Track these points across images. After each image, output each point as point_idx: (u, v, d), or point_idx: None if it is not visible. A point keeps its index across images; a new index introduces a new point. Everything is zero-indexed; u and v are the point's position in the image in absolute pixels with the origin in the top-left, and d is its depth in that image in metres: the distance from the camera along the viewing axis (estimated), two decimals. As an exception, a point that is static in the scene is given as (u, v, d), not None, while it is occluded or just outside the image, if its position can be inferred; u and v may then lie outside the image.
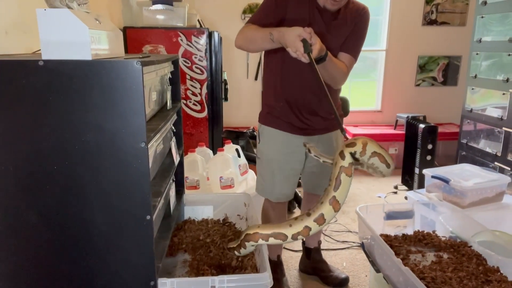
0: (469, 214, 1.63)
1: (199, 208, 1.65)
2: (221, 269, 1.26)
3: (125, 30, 2.73)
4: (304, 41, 1.35)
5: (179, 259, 1.38)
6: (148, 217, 0.95)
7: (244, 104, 4.11)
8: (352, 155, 1.10)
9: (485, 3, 3.04)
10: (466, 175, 2.06)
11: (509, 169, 2.78)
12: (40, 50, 0.90)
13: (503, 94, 2.85)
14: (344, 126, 4.31)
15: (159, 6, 2.83)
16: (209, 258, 1.33)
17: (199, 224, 1.59)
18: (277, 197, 1.83)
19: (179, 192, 1.64)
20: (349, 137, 1.29)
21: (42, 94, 0.88)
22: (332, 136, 1.83)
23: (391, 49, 4.34)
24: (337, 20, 1.63)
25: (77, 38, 0.90)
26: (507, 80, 2.80)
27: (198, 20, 3.22)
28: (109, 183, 0.92)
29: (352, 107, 3.59)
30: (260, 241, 1.14)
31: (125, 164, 0.91)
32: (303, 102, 1.72)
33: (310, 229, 1.09)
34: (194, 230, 1.54)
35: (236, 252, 1.22)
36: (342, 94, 3.55)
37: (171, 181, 1.38)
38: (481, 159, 3.07)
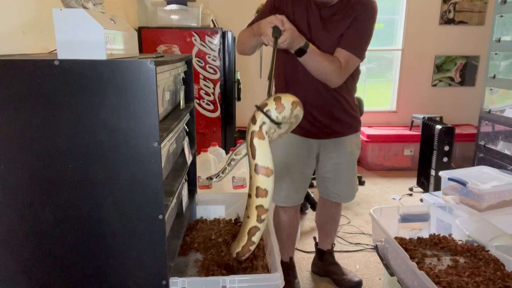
0: (486, 218, 1.59)
1: (211, 208, 1.65)
2: (232, 269, 1.26)
3: (140, 30, 2.75)
4: (275, 27, 1.37)
5: (191, 258, 1.39)
6: (161, 216, 0.95)
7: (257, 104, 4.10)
8: (268, 116, 1.00)
9: (505, 2, 2.96)
10: (484, 178, 2.01)
11: (529, 172, 2.70)
12: (56, 49, 0.92)
13: (523, 95, 2.78)
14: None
15: (173, 6, 2.85)
16: (220, 258, 1.32)
17: (211, 224, 1.60)
18: (283, 202, 1.78)
19: (192, 192, 1.65)
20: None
21: (57, 94, 0.89)
22: (346, 140, 1.76)
23: (407, 48, 4.28)
24: (336, 15, 1.57)
25: (92, 38, 0.91)
26: (528, 80, 2.73)
27: (212, 20, 3.23)
28: (123, 182, 0.93)
29: (366, 108, 3.55)
30: (251, 248, 1.09)
31: (138, 163, 0.92)
32: (313, 104, 1.65)
33: (261, 206, 1.01)
34: (206, 229, 1.54)
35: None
36: (357, 94, 3.53)
37: (183, 180, 1.39)
38: (499, 161, 3.00)
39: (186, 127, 1.55)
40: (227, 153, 2.31)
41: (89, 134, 0.90)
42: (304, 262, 2.23)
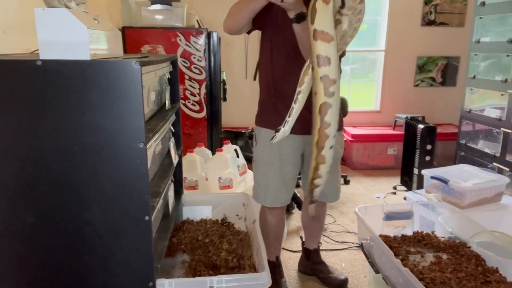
0: (468, 215, 1.63)
1: (197, 209, 1.65)
2: (219, 269, 1.26)
3: (124, 30, 2.73)
4: None
5: (178, 259, 1.38)
6: (147, 217, 0.95)
7: (242, 104, 4.11)
8: None
9: (484, 4, 3.04)
10: (465, 176, 2.06)
11: (507, 169, 2.78)
12: (38, 50, 0.90)
13: (502, 94, 2.86)
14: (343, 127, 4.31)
15: (158, 6, 2.83)
16: (207, 259, 1.32)
17: (198, 225, 1.59)
18: (271, 202, 1.77)
19: (178, 193, 1.64)
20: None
21: (40, 94, 0.87)
22: None
23: (390, 49, 4.34)
24: None
25: (76, 38, 0.90)
26: (506, 80, 2.81)
27: (197, 20, 3.22)
28: (108, 183, 0.92)
29: (351, 108, 3.58)
30: (327, 131, 0.94)
31: (123, 164, 0.91)
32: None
33: (326, 75, 0.89)
34: (193, 230, 1.54)
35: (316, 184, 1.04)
36: (341, 94, 3.56)
37: (169, 181, 1.38)
38: (479, 159, 3.07)
39: (172, 128, 1.54)
40: (213, 153, 2.31)
41: (73, 135, 0.89)
42: (290, 261, 2.24)
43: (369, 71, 4.58)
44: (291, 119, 1.21)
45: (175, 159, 1.43)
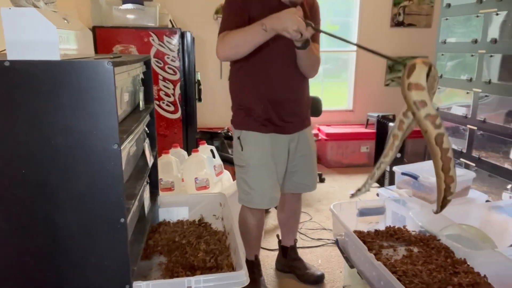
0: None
1: (174, 210, 1.64)
2: (197, 270, 1.25)
3: (94, 29, 2.67)
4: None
5: (154, 261, 1.37)
6: (122, 220, 0.93)
7: (218, 104, 4.10)
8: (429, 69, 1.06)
9: (449, 5, 3.16)
10: (434, 171, 2.13)
11: (473, 165, 2.91)
12: (5, 50, 0.87)
13: (467, 93, 2.98)
14: (316, 126, 4.37)
15: (129, 6, 2.78)
16: (184, 260, 1.32)
17: (175, 226, 1.58)
18: (268, 204, 1.78)
19: (154, 194, 1.62)
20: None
21: (8, 96, 0.85)
22: (307, 132, 1.87)
23: (361, 50, 4.44)
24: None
25: (45, 38, 0.88)
26: (471, 79, 2.93)
27: (170, 20, 3.19)
28: (81, 186, 0.90)
29: (324, 107, 3.65)
30: (449, 155, 1.05)
31: (97, 166, 0.90)
32: (284, 101, 1.71)
33: (428, 114, 1.04)
34: (169, 232, 1.52)
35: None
36: (315, 94, 3.62)
37: (145, 183, 1.36)
38: (447, 155, 3.19)
39: (146, 129, 1.52)
40: (189, 154, 2.30)
41: (44, 137, 0.87)
42: (268, 260, 2.26)
43: (341, 71, 4.67)
44: (372, 181, 1.36)
45: (150, 161, 1.42)
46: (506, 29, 2.63)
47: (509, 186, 2.62)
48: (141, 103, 1.41)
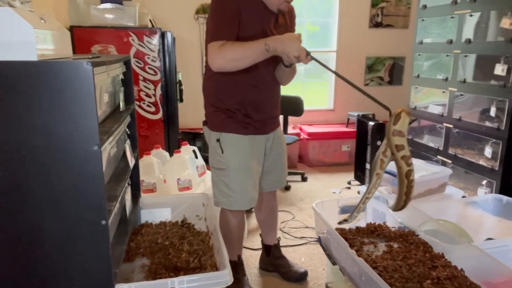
0: (415, 205, 1.73)
1: (156, 211, 1.63)
2: (180, 271, 1.25)
3: (72, 29, 2.62)
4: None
5: (137, 264, 1.36)
6: (104, 222, 0.92)
7: (200, 105, 4.04)
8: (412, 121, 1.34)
9: (425, 7, 3.24)
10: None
11: (450, 162, 2.99)
12: (-21, 50, 0.85)
13: (443, 92, 3.06)
14: (298, 125, 4.40)
15: (107, 5, 2.74)
16: (167, 261, 1.31)
17: (157, 227, 1.57)
18: (249, 204, 1.77)
19: (135, 196, 1.61)
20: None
21: (-17, 97, 0.82)
22: (279, 130, 1.91)
23: (341, 50, 4.51)
24: (278, 22, 1.68)
25: (21, 38, 0.86)
26: (446, 79, 3.01)
27: (150, 20, 3.16)
28: (61, 188, 0.89)
29: (306, 107, 3.68)
30: (413, 184, 1.32)
31: (77, 168, 0.88)
32: (265, 104, 1.73)
33: (404, 155, 1.29)
34: (152, 233, 1.51)
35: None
36: (297, 94, 3.65)
37: (126, 184, 1.35)
38: (425, 153, 3.28)
39: (127, 130, 1.51)
40: (171, 155, 2.28)
41: (21, 139, 0.85)
42: (252, 259, 2.27)
43: (322, 71, 4.72)
44: (358, 213, 1.49)
45: (131, 162, 1.40)
46: (480, 29, 2.72)
47: (484, 182, 2.71)
48: (122, 104, 1.40)
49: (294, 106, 3.57)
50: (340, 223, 1.51)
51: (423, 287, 1.20)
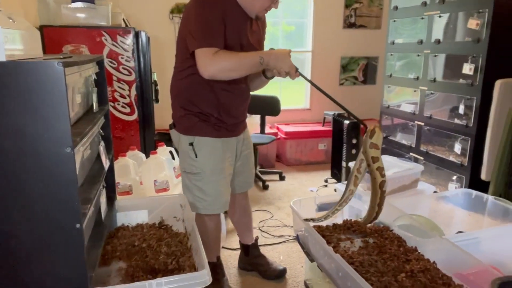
0: (390, 201, 1.78)
1: (133, 214, 1.60)
2: (158, 273, 1.24)
3: (42, 29, 2.54)
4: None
5: (113, 267, 1.33)
6: (78, 225, 0.90)
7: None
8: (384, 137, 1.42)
9: (397, 8, 3.33)
10: (386, 166, 2.21)
11: (422, 158, 3.08)
12: None
13: (414, 91, 3.16)
14: (275, 125, 4.42)
15: (79, 4, 2.68)
16: (145, 264, 1.29)
17: (134, 230, 1.55)
18: (224, 208, 1.77)
19: (111, 198, 1.58)
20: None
21: None
22: (247, 131, 1.93)
23: (316, 50, 4.57)
24: (253, 27, 1.69)
25: (-12, 38, 0.83)
26: (417, 78, 3.11)
27: (124, 19, 3.10)
28: (33, 192, 0.86)
29: (283, 106, 3.71)
30: (385, 195, 1.43)
31: (50, 170, 0.86)
32: (237, 109, 1.74)
33: (379, 166, 1.39)
34: (129, 236, 1.49)
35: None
36: (274, 93, 3.67)
37: (101, 187, 1.33)
38: (398, 150, 3.37)
39: (101, 131, 1.48)
40: (147, 156, 2.25)
41: (-10, 142, 0.82)
42: (231, 260, 2.27)
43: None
44: (326, 219, 1.55)
45: (106, 164, 1.38)
46: (448, 30, 2.82)
47: (454, 178, 2.81)
48: (95, 105, 1.37)
49: (271, 106, 3.59)
50: (306, 220, 1.56)
51: (397, 280, 1.23)
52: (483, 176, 2.64)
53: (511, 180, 2.59)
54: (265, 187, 3.47)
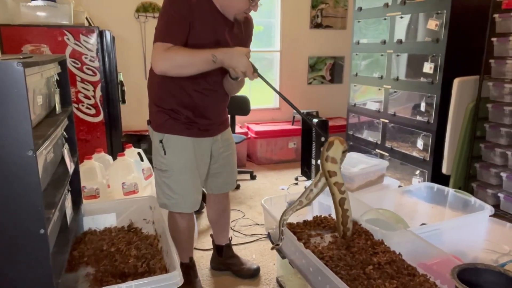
0: (357, 197, 1.83)
1: (100, 217, 1.57)
2: (128, 277, 1.22)
3: (0, 28, 2.43)
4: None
5: (81, 273, 1.30)
6: (42, 231, 0.87)
7: (144, 106, 3.93)
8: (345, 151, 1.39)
9: (361, 9, 3.43)
10: (354, 162, 2.31)
11: (387, 154, 3.19)
12: None
13: (379, 89, 3.26)
14: (246, 124, 4.43)
15: (39, 2, 2.57)
16: (114, 268, 1.27)
17: (102, 234, 1.51)
18: (193, 207, 1.75)
19: (76, 203, 1.53)
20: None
21: None
22: (228, 131, 1.91)
23: (284, 50, 4.61)
24: (233, 31, 1.68)
25: None
26: (381, 77, 3.21)
27: (87, 18, 3.01)
28: (-8, 197, 0.83)
29: (252, 106, 3.73)
30: (348, 214, 1.40)
31: (11, 174, 0.83)
32: (210, 111, 1.71)
33: (337, 182, 1.35)
34: (96, 241, 1.45)
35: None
36: (243, 93, 3.68)
37: (66, 191, 1.28)
38: (365, 147, 3.47)
39: (65, 134, 1.43)
40: (114, 159, 2.20)
41: None
42: (203, 260, 2.25)
43: (267, 70, 4.80)
44: (282, 228, 1.46)
45: (70, 167, 1.34)
46: (410, 31, 2.93)
47: (417, 172, 2.93)
48: (58, 106, 1.33)
49: (241, 106, 3.60)
50: (273, 248, 1.50)
51: (365, 273, 1.27)
52: (444, 170, 2.77)
53: (470, 174, 2.73)
54: (237, 187, 3.47)
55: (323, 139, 3.47)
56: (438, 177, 2.75)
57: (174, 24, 1.49)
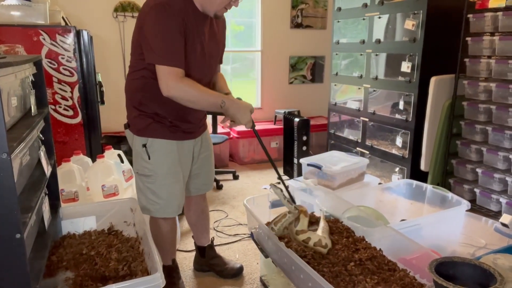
0: (339, 194, 1.85)
1: (79, 221, 1.53)
2: (109, 280, 1.20)
3: (-30, 27, 2.34)
4: None
5: (60, 278, 1.27)
6: (18, 235, 0.85)
7: (123, 107, 3.90)
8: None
9: (340, 9, 3.47)
10: (335, 161, 2.33)
11: (367, 152, 3.24)
12: None
13: (359, 88, 3.31)
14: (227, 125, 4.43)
15: (13, 1, 2.50)
16: (94, 272, 1.25)
17: (81, 238, 1.48)
18: (177, 211, 1.73)
19: (54, 206, 1.50)
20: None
21: None
22: (207, 133, 1.92)
23: (266, 50, 4.63)
24: (212, 28, 1.67)
25: None
26: (361, 76, 3.26)
27: (63, 18, 2.95)
28: (-36, 202, 0.80)
29: (234, 106, 3.72)
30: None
31: (-17, 178, 0.80)
32: (193, 116, 1.71)
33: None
34: (76, 244, 1.42)
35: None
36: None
37: (43, 194, 1.25)
38: (346, 145, 3.51)
39: (41, 136, 1.39)
40: (93, 161, 2.15)
41: None
42: (186, 262, 2.24)
43: (249, 70, 4.80)
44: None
45: (47, 170, 1.30)
46: (388, 30, 2.98)
47: (397, 169, 2.98)
48: (33, 108, 1.29)
49: (222, 106, 3.59)
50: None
51: (347, 270, 1.29)
52: (422, 167, 2.83)
53: (447, 170, 2.80)
54: (219, 187, 3.46)
55: (304, 138, 3.50)
56: (416, 174, 2.81)
57: (175, 42, 1.46)
